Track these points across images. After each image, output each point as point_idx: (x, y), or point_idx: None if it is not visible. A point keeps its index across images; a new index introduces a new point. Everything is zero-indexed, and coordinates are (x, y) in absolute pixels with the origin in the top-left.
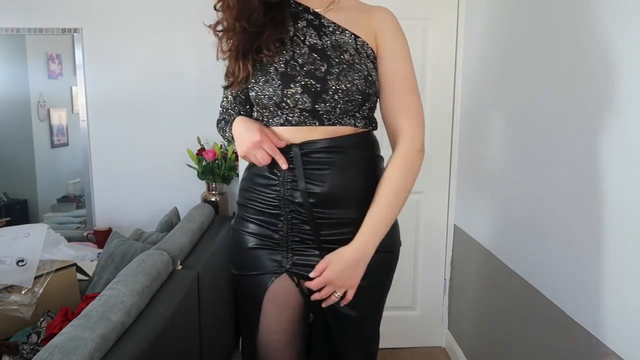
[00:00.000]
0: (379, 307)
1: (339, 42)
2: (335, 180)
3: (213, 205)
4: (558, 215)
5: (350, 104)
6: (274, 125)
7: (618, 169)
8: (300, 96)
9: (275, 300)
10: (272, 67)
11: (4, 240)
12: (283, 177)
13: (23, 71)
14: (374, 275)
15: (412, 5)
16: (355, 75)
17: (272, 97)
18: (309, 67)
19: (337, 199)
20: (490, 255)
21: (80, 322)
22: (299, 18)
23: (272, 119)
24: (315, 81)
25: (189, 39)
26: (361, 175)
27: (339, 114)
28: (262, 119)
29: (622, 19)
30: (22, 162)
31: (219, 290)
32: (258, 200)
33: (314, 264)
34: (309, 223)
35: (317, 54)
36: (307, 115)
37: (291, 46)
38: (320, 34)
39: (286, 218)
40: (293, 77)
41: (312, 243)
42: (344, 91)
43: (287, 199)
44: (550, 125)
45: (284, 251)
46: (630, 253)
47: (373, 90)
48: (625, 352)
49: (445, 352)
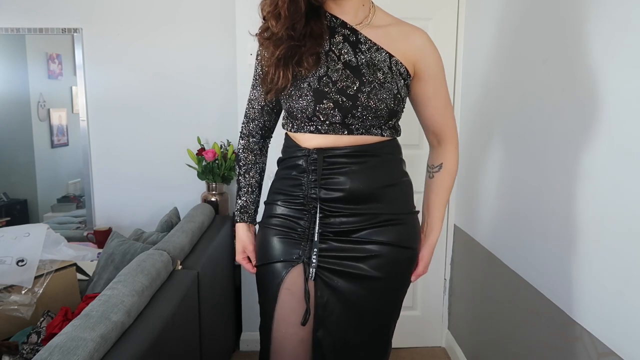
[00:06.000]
0: (396, 300)
1: (374, 61)
2: (356, 179)
3: (213, 205)
4: (558, 215)
5: (377, 120)
6: (304, 132)
7: (618, 168)
8: (332, 111)
9: (292, 287)
10: (306, 82)
11: (4, 240)
12: (307, 179)
13: (23, 71)
14: (394, 269)
15: (412, 5)
16: (385, 94)
17: (305, 111)
18: (342, 84)
19: (358, 196)
20: (490, 255)
21: (80, 322)
22: (336, 32)
23: (302, 127)
24: (346, 98)
25: (189, 39)
26: (384, 175)
27: (368, 126)
28: (292, 126)
29: (622, 18)
30: (22, 162)
31: (219, 290)
32: (285, 200)
33: (337, 254)
34: (325, 217)
35: (351, 71)
36: (337, 125)
37: (326, 61)
38: (355, 51)
39: (309, 213)
40: (326, 93)
41: (331, 235)
42: (372, 108)
43: (310, 197)
44: (550, 125)
45: (305, 241)
46: (630, 253)
47: (400, 107)
48: (625, 352)
49: (445, 352)
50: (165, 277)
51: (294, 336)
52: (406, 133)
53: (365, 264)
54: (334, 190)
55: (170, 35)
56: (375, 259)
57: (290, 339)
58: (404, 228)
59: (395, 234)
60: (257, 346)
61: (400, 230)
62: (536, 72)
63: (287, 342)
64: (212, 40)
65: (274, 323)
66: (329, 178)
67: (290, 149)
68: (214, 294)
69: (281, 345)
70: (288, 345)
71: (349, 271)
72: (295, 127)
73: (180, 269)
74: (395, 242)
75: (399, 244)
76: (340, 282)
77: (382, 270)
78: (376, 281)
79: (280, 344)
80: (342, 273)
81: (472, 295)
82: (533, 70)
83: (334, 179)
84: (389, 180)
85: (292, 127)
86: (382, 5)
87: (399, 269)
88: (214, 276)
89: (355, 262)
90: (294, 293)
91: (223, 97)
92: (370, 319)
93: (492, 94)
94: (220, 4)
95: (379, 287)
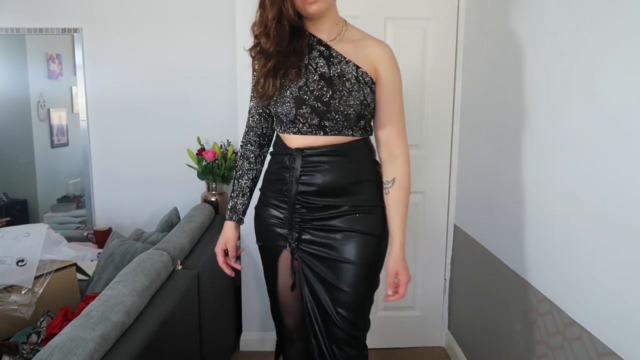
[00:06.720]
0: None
1: (343, 72)
2: (328, 175)
3: (213, 205)
4: (558, 215)
5: (348, 122)
6: (289, 133)
7: (618, 169)
8: (310, 115)
9: (284, 263)
10: (288, 91)
11: (4, 240)
12: (289, 175)
13: (23, 71)
14: (359, 253)
15: (412, 5)
16: (352, 101)
17: (288, 115)
18: (318, 92)
19: (330, 190)
20: (490, 255)
21: (80, 322)
22: (313, 48)
23: (287, 129)
24: (321, 104)
25: (189, 39)
26: (354, 172)
27: (340, 128)
28: (279, 128)
29: (622, 18)
30: (22, 162)
31: (219, 290)
32: (274, 191)
33: (311, 238)
34: (302, 208)
35: (325, 81)
36: (315, 127)
37: (305, 73)
38: (329, 64)
39: (290, 204)
40: (305, 100)
41: (307, 223)
42: (342, 112)
43: (290, 190)
44: (550, 125)
45: (289, 228)
46: (630, 253)
47: (368, 110)
48: (626, 352)
49: (445, 352)
50: (165, 277)
51: (291, 294)
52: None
53: (334, 250)
54: (310, 185)
55: (170, 36)
56: (342, 244)
57: (289, 296)
58: (368, 218)
59: (361, 223)
60: (258, 346)
61: (365, 220)
62: (536, 72)
63: (287, 298)
64: (212, 40)
65: (278, 286)
66: (306, 174)
67: (278, 146)
68: (214, 294)
69: (284, 299)
70: (288, 299)
71: (324, 255)
72: (282, 129)
73: (180, 269)
74: (360, 230)
75: (363, 231)
76: (314, 262)
77: (348, 254)
78: (344, 263)
79: (283, 298)
80: (318, 257)
81: (472, 295)
82: (533, 71)
83: (310, 175)
84: (358, 178)
85: (279, 129)
86: (382, 6)
87: (363, 253)
88: (214, 276)
89: (328, 248)
90: (286, 267)
91: (223, 97)
92: (340, 291)
93: (491, 94)
94: (221, 4)
95: (346, 267)
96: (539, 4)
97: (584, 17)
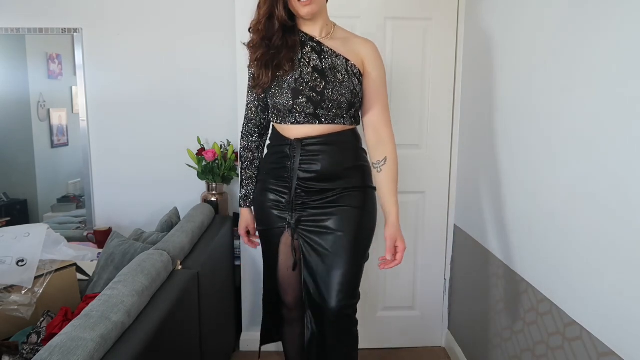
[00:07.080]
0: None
1: (334, 64)
2: (325, 163)
3: (213, 205)
4: (558, 215)
5: (340, 110)
6: (287, 123)
7: (618, 168)
8: (306, 104)
9: (286, 244)
10: (286, 83)
11: (4, 240)
12: (290, 163)
13: (23, 71)
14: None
15: (412, 5)
16: (344, 90)
17: (286, 105)
18: (312, 83)
19: (326, 175)
20: (490, 255)
21: (80, 322)
22: (306, 45)
23: (285, 119)
24: (316, 94)
25: (189, 39)
26: (346, 159)
27: (333, 116)
28: (277, 119)
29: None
30: (22, 162)
31: (219, 290)
32: (275, 178)
33: (309, 217)
34: (302, 192)
35: (318, 73)
36: (310, 116)
37: (300, 66)
38: (321, 58)
39: (292, 190)
40: (301, 91)
41: (306, 204)
42: (335, 101)
43: (292, 177)
44: (550, 125)
45: (289, 211)
46: (630, 253)
47: (357, 99)
48: (626, 352)
49: (445, 352)
50: (165, 277)
51: (291, 274)
52: (406, 133)
53: (329, 222)
54: (310, 172)
55: (170, 35)
56: (334, 218)
57: (289, 275)
58: (355, 195)
59: (352, 200)
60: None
61: (355, 197)
62: (536, 73)
63: (287, 278)
64: (212, 40)
65: (279, 267)
66: (306, 163)
67: (276, 138)
68: (214, 294)
69: (283, 280)
70: (288, 279)
71: (319, 230)
72: (280, 120)
73: (180, 269)
74: (349, 204)
75: (352, 205)
76: (314, 238)
77: (338, 225)
78: (336, 232)
79: (283, 279)
80: (314, 232)
81: (472, 295)
82: (533, 71)
83: (309, 164)
84: (350, 163)
85: (277, 120)
86: (382, 6)
87: (353, 224)
88: (214, 276)
89: (323, 223)
90: (287, 247)
91: (223, 97)
92: (333, 258)
93: (492, 94)
94: (221, 4)
95: (338, 237)
96: (539, 4)
97: (584, 16)
